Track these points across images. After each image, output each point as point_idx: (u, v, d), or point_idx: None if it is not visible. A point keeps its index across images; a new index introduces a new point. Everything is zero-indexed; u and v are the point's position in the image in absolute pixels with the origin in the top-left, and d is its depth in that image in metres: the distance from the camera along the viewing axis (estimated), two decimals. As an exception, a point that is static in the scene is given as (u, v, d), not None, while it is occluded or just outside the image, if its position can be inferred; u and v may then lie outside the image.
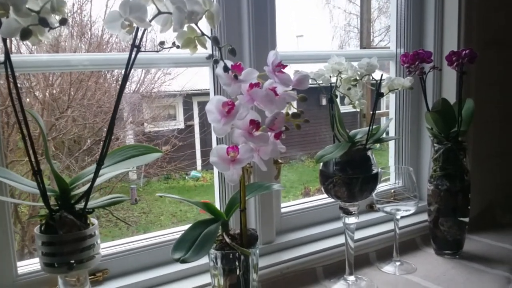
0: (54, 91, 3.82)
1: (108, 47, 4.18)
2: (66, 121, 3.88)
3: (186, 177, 6.85)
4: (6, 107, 3.18)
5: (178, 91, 5.63)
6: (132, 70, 0.66)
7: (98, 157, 0.66)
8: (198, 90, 6.17)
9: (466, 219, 1.13)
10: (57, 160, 3.75)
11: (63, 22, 0.52)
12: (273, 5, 1.02)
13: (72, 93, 3.79)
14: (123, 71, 0.66)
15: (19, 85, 0.62)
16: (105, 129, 4.07)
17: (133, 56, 0.63)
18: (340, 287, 0.99)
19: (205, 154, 6.31)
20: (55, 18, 0.54)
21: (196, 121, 6.59)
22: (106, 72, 4.13)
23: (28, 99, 3.69)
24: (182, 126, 6.37)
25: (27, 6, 0.51)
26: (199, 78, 5.50)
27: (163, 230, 1.01)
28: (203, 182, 6.78)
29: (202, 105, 6.52)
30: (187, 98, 6.38)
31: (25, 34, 0.51)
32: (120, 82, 0.64)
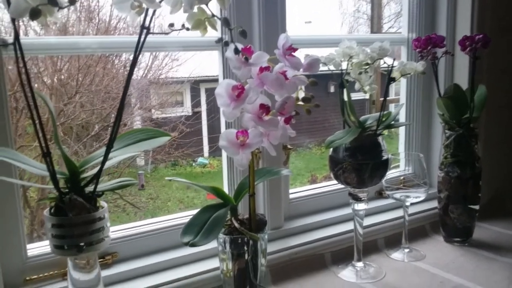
0: (62, 77, 3.82)
1: (116, 33, 4.17)
2: (74, 106, 3.89)
3: (193, 164, 6.86)
4: (14, 92, 3.19)
5: (185, 77, 5.61)
6: (140, 55, 0.65)
7: (106, 142, 0.66)
8: (206, 76, 6.15)
9: (476, 207, 1.12)
10: (65, 145, 3.77)
11: (73, 1, 0.51)
12: (284, -12, 1.00)
13: (80, 78, 3.79)
14: (131, 57, 0.65)
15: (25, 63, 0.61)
16: (113, 115, 4.08)
17: (142, 38, 0.62)
18: (348, 273, 0.99)
19: (212, 140, 6.31)
20: (64, -2, 0.53)
21: (203, 107, 6.59)
22: (114, 57, 4.13)
23: (36, 85, 3.70)
24: (189, 112, 6.37)
25: (36, -15, 0.51)
26: (206, 65, 5.48)
27: (172, 214, 1.01)
28: (210, 169, 6.79)
29: (209, 92, 6.51)
30: (195, 84, 6.36)
31: (34, 14, 0.50)
32: (128, 68, 0.63)
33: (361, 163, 0.91)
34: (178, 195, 5.77)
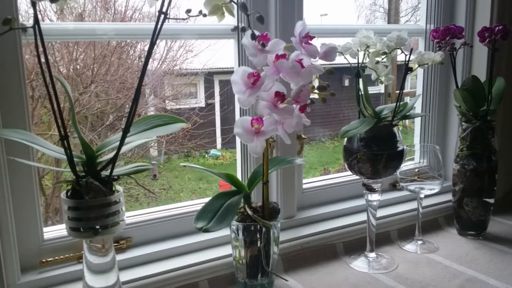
0: (78, 66, 3.86)
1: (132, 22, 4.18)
2: (89, 96, 3.92)
3: (206, 155, 6.89)
4: (31, 81, 3.22)
5: (199, 69, 5.62)
6: (155, 45, 0.65)
7: (123, 127, 0.66)
8: (220, 68, 6.15)
9: (492, 200, 1.11)
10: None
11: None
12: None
13: (95, 68, 3.82)
14: (146, 47, 0.65)
15: (42, 59, 0.62)
16: (127, 105, 4.11)
17: (160, 23, 0.62)
18: (360, 263, 0.99)
19: (225, 132, 6.32)
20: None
21: (217, 99, 6.59)
22: (129, 48, 4.15)
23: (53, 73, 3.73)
24: (203, 104, 6.38)
25: (56, -32, 0.51)
26: (220, 56, 5.48)
27: (186, 202, 1.01)
28: (223, 161, 6.81)
29: (223, 84, 6.52)
30: (209, 76, 6.37)
31: (54, -4, 0.50)
32: (143, 59, 0.64)
33: (376, 154, 0.91)
34: (190, 186, 5.81)
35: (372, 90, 0.97)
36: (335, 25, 1.15)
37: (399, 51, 0.90)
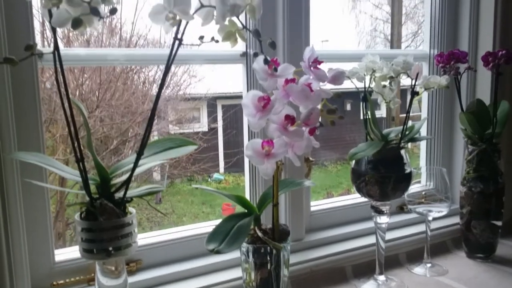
0: (83, 92, 3.91)
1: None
2: (94, 121, 3.96)
3: (209, 179, 6.89)
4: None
5: (203, 93, 5.69)
6: (160, 72, 0.67)
7: (124, 157, 0.68)
8: (223, 93, 6.22)
9: (499, 223, 1.11)
10: (86, 158, 3.82)
11: (113, 11, 0.54)
12: (308, 1, 1.02)
13: (100, 93, 3.87)
14: (150, 73, 0.67)
15: (49, 86, 0.64)
16: (131, 130, 4.14)
17: (175, 48, 0.64)
18: (369, 287, 0.99)
19: (228, 156, 6.35)
20: (104, 8, 0.55)
21: (219, 123, 6.64)
22: (134, 73, 4.21)
23: (57, 100, 3.78)
24: (206, 128, 6.43)
25: (78, -4, 0.53)
26: (223, 81, 5.55)
27: (196, 224, 1.02)
28: (225, 185, 6.81)
29: (226, 108, 6.58)
30: (212, 100, 6.43)
31: (77, 23, 0.52)
32: (147, 85, 0.65)
33: (384, 176, 0.92)
34: (193, 210, 5.79)
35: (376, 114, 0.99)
36: (339, 50, 1.18)
37: (403, 75, 0.92)
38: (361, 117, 0.97)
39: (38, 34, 3.38)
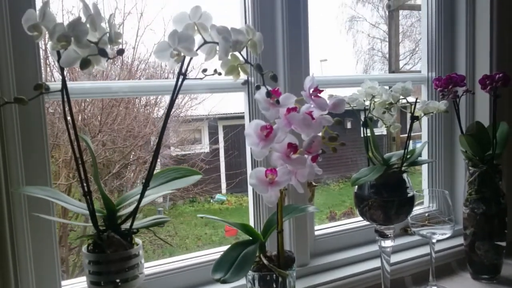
0: (86, 116, 3.94)
1: (138, 73, 4.31)
2: (96, 145, 3.98)
3: (211, 200, 6.87)
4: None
5: (204, 115, 5.71)
6: (161, 96, 0.69)
7: (126, 180, 0.69)
8: (224, 114, 6.25)
9: (503, 243, 1.11)
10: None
11: (121, 52, 0.56)
12: (307, 33, 1.05)
13: (103, 118, 3.90)
14: (151, 98, 0.68)
15: (52, 110, 0.65)
16: (133, 153, 4.15)
17: (179, 83, 0.66)
18: (376, 311, 0.98)
19: (230, 177, 6.34)
20: (110, 49, 0.57)
21: (221, 144, 6.65)
22: (135, 98, 4.25)
23: (60, 125, 3.81)
24: (207, 149, 6.44)
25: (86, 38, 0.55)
26: (225, 103, 5.58)
27: (200, 251, 1.02)
28: (228, 205, 6.79)
29: (227, 129, 6.60)
30: (213, 122, 6.46)
31: (85, 64, 0.54)
32: (148, 108, 0.67)
33: (387, 200, 0.93)
34: (196, 232, 5.76)
35: (376, 132, 1.00)
36: (338, 76, 1.19)
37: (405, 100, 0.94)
38: (363, 140, 0.98)
39: (42, 61, 3.43)
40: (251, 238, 0.86)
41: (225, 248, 0.82)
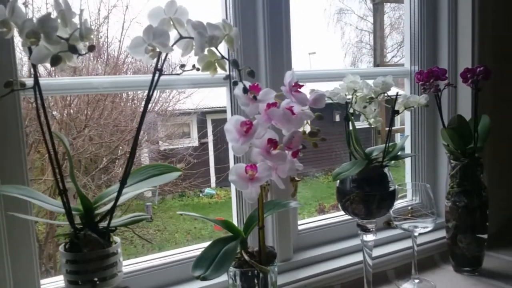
0: (72, 111, 3.90)
1: (124, 67, 4.27)
2: (83, 140, 3.95)
3: (200, 194, 6.87)
4: (25, 127, 3.24)
5: (192, 109, 5.69)
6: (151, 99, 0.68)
7: (114, 175, 0.68)
8: (212, 108, 6.23)
9: (485, 236, 1.12)
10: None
11: (92, 48, 0.54)
12: (288, 27, 1.04)
13: (89, 112, 3.86)
14: (139, 92, 0.68)
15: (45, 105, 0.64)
16: (121, 148, 4.12)
17: (155, 79, 0.65)
18: (358, 305, 0.99)
19: (219, 171, 6.33)
20: (82, 45, 0.56)
21: (210, 138, 6.64)
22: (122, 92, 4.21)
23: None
24: (196, 143, 6.42)
25: (56, 34, 0.54)
26: (213, 96, 5.56)
27: (181, 247, 1.02)
28: (217, 199, 6.79)
29: (216, 123, 6.58)
30: (201, 116, 6.44)
31: (56, 61, 0.53)
32: (135, 102, 0.66)
33: (369, 195, 0.93)
34: (185, 226, 5.75)
35: (362, 125, 1.00)
36: (322, 70, 1.19)
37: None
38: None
39: (27, 62, 3.37)
40: (232, 234, 0.86)
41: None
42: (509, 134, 1.33)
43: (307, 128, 0.82)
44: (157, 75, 0.65)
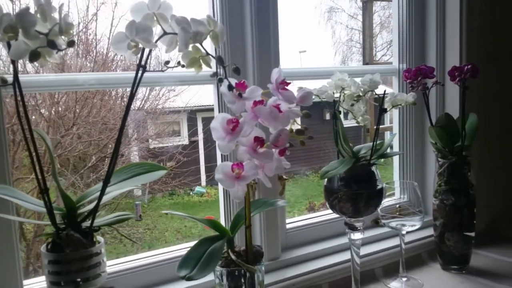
0: (60, 109, 3.86)
1: (114, 65, 4.23)
2: (71, 138, 3.91)
3: (191, 193, 6.85)
4: (12, 125, 3.21)
5: (182, 107, 5.66)
6: (135, 96, 0.67)
7: (103, 174, 0.67)
8: (202, 106, 6.20)
9: (472, 234, 1.13)
10: (62, 177, 3.77)
11: (71, 44, 0.53)
12: (276, 24, 1.03)
13: (77, 110, 3.83)
14: (128, 90, 0.67)
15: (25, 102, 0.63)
16: (110, 146, 4.09)
17: (139, 75, 0.64)
18: (346, 304, 0.99)
19: (210, 169, 6.31)
20: (62, 40, 0.55)
21: (200, 136, 6.61)
22: (112, 89, 4.17)
23: (34, 117, 3.72)
24: (186, 142, 6.39)
25: (35, 29, 0.53)
26: (203, 94, 5.53)
27: (169, 247, 1.01)
28: (208, 197, 6.78)
29: (206, 121, 6.55)
30: (191, 114, 6.41)
31: (34, 56, 0.52)
32: (125, 100, 0.65)
33: (356, 193, 0.92)
34: (175, 225, 5.73)
35: (352, 123, 1.00)
36: (311, 68, 1.19)
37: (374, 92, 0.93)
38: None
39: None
40: (218, 233, 0.85)
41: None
42: (496, 132, 1.33)
43: (295, 126, 0.82)
44: (140, 71, 0.64)
